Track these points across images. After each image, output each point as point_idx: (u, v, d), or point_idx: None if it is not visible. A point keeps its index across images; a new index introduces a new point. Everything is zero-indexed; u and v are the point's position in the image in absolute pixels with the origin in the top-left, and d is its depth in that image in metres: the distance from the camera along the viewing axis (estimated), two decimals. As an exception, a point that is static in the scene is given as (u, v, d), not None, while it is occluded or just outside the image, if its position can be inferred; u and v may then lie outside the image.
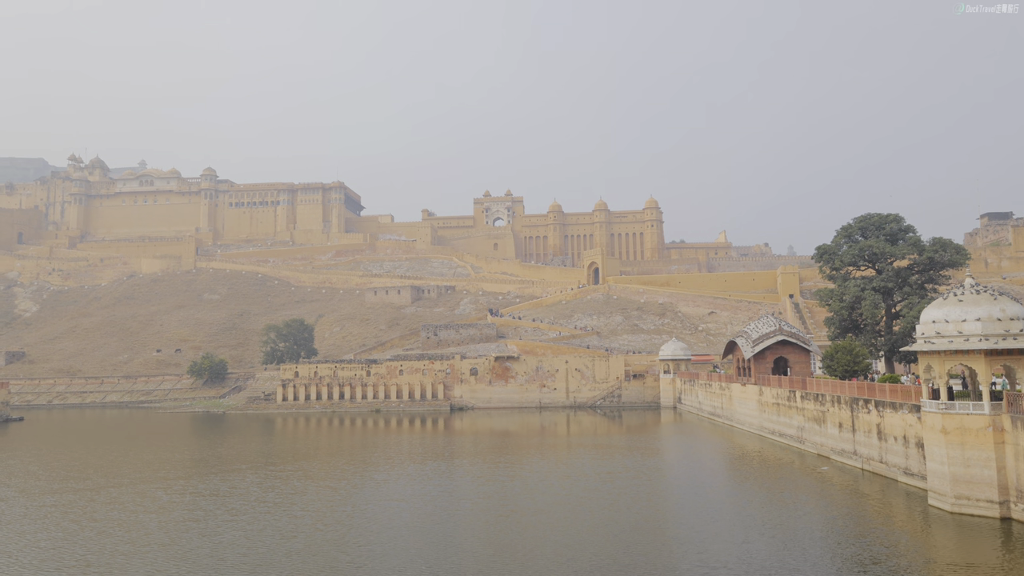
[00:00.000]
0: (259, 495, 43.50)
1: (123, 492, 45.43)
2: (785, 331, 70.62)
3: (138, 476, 51.67)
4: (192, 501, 42.41)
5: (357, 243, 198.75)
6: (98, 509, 40.24)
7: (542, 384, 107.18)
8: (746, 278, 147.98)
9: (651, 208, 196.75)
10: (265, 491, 44.77)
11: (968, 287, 35.74)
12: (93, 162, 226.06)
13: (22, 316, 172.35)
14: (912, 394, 40.98)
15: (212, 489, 45.93)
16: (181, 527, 35.76)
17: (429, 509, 38.90)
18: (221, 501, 41.90)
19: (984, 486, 33.17)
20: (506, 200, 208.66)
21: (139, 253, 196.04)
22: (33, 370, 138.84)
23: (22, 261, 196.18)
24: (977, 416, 33.73)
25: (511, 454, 60.86)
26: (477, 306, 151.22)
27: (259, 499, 42.25)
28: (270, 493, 44.10)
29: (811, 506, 38.32)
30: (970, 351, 34.20)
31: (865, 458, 46.76)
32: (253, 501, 41.68)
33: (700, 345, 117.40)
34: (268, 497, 42.78)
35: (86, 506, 41.10)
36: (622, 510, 37.55)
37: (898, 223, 70.30)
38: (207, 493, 44.69)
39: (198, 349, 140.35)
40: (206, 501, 42.12)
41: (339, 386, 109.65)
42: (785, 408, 61.49)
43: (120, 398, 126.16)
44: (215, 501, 41.98)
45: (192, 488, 46.73)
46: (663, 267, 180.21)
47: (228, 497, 43.00)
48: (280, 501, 41.54)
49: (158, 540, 33.25)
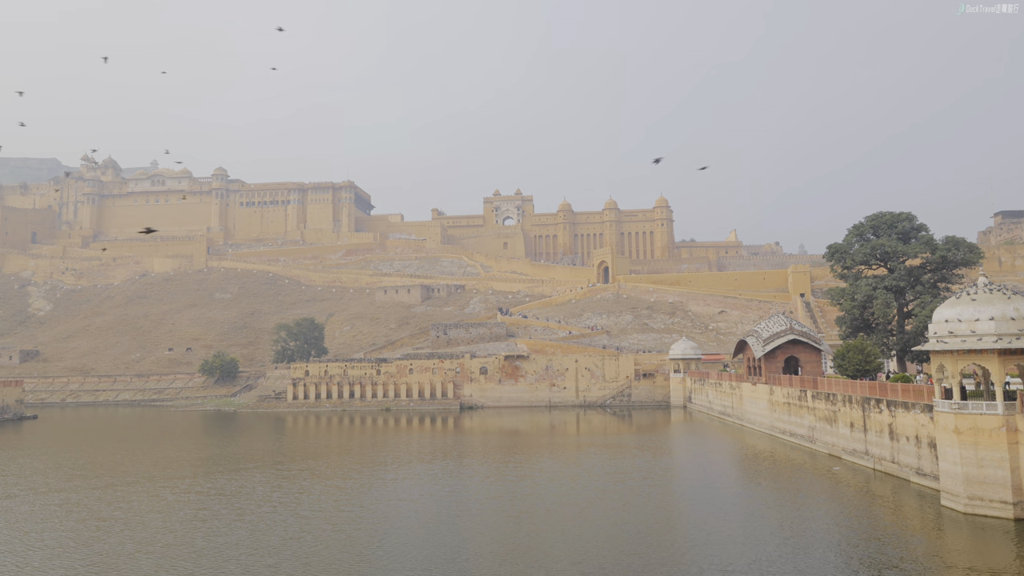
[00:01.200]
0: (266, 494, 43.72)
1: (131, 491, 45.71)
2: (796, 330, 70.27)
3: (147, 474, 51.99)
4: (200, 500, 42.62)
5: (367, 242, 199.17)
6: (104, 508, 40.49)
7: (552, 383, 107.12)
8: (757, 277, 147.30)
9: (661, 207, 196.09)
10: (273, 490, 45.00)
11: (981, 286, 35.46)
12: (106, 162, 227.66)
13: (36, 315, 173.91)
14: (924, 394, 40.69)
15: (220, 488, 46.17)
16: (189, 526, 35.95)
17: (438, 509, 38.95)
18: (230, 500, 42.13)
19: (998, 487, 32.88)
20: (516, 199, 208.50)
21: (151, 252, 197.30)
22: (47, 368, 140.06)
23: (36, 260, 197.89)
24: (991, 416, 33.44)
25: (521, 453, 60.85)
26: (487, 305, 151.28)
27: (265, 498, 42.46)
28: (276, 492, 44.29)
29: (823, 507, 38.08)
30: (983, 351, 33.92)
31: (877, 458, 46.46)
32: (259, 500, 41.90)
33: (710, 344, 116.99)
34: (273, 497, 42.98)
35: (92, 504, 41.39)
36: (632, 511, 37.40)
37: (910, 221, 69.80)
38: (216, 492, 44.91)
39: (209, 348, 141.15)
40: (215, 500, 42.35)
41: (349, 385, 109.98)
42: (796, 408, 61.18)
43: (132, 396, 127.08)
44: (223, 500, 42.22)
45: (199, 487, 46.98)
46: (673, 266, 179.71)
47: (236, 496, 43.25)
48: (286, 501, 41.68)
49: (163, 539, 33.44)
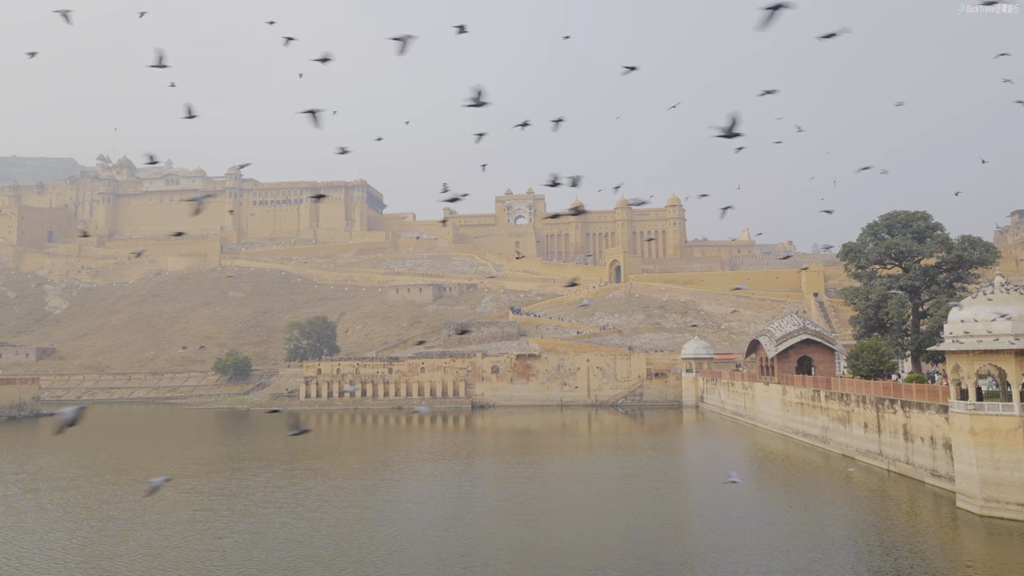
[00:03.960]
0: (269, 495, 43.81)
1: (134, 489, 45.99)
2: (809, 330, 69.84)
3: (152, 473, 52.29)
4: (221, 498, 42.89)
5: (379, 241, 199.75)
6: (110, 506, 40.82)
7: (563, 382, 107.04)
8: (770, 276, 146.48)
9: (673, 206, 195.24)
10: (278, 490, 45.11)
11: (998, 285, 35.08)
12: (121, 161, 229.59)
13: (52, 313, 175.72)
14: (939, 394, 40.30)
15: (229, 487, 46.44)
16: (195, 526, 36.20)
17: (448, 510, 38.87)
18: (238, 500, 42.34)
19: (1014, 488, 32.54)
20: (528, 198, 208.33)
21: (165, 251, 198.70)
22: (63, 366, 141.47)
23: (52, 259, 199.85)
24: (1007, 417, 33.10)
25: (532, 453, 60.84)
26: (498, 304, 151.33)
27: (268, 499, 42.51)
28: (278, 493, 44.14)
29: (838, 510, 37.68)
30: (1000, 351, 33.58)
31: (891, 459, 46.09)
32: (262, 500, 41.89)
33: (723, 344, 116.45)
34: (276, 497, 42.89)
35: (98, 503, 41.70)
36: (644, 513, 37.04)
37: (925, 221, 69.11)
38: (227, 492, 45.19)
39: (223, 346, 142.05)
40: (230, 499, 42.58)
41: (361, 383, 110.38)
42: (809, 408, 60.81)
43: (147, 394, 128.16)
44: (230, 500, 42.43)
45: (214, 485, 47.26)
46: (685, 265, 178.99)
47: (239, 496, 43.41)
48: (288, 502, 41.45)
49: (168, 542, 33.60)
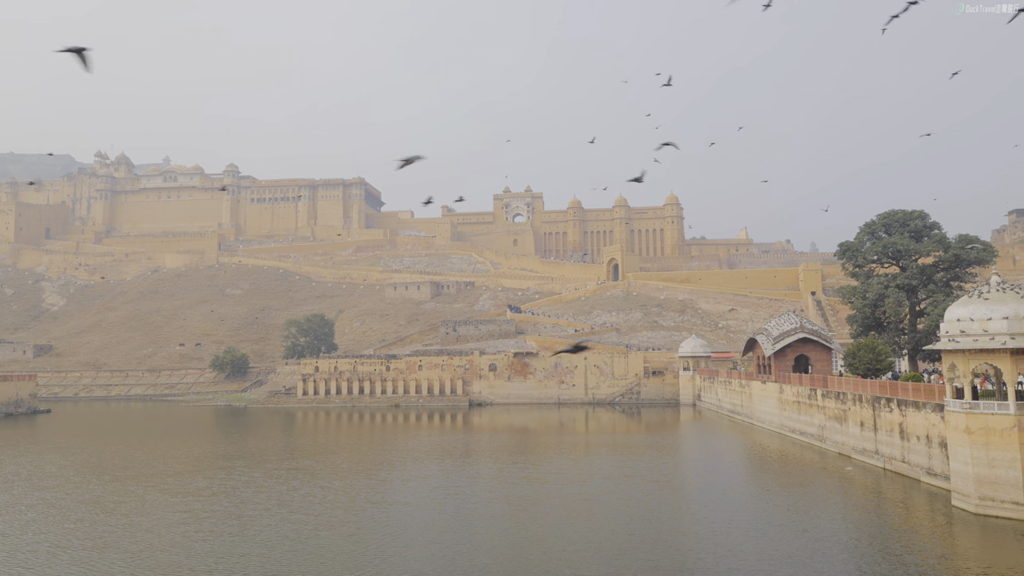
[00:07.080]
0: (273, 493, 43.87)
1: (137, 488, 46.05)
2: (806, 328, 69.92)
3: (153, 471, 52.35)
4: (217, 498, 42.89)
5: (377, 239, 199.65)
6: (130, 502, 40.83)
7: (561, 380, 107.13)
8: (767, 275, 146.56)
9: (671, 204, 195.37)
10: (281, 489, 45.16)
11: (994, 284, 35.15)
12: (118, 158, 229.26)
13: (50, 310, 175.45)
14: (935, 393, 40.39)
15: (211, 487, 46.44)
16: (214, 519, 36.19)
17: (445, 509, 38.85)
18: (241, 499, 42.34)
19: (1009, 487, 32.64)
20: (526, 196, 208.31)
21: (163, 248, 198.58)
22: (60, 363, 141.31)
23: (50, 256, 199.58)
24: (1002, 416, 33.19)
25: (530, 452, 60.85)
26: (496, 302, 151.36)
27: (271, 499, 42.61)
28: (272, 491, 44.26)
29: (834, 508, 37.77)
30: (996, 350, 33.65)
31: (887, 458, 46.20)
32: (265, 500, 42.02)
33: (720, 342, 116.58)
34: (275, 496, 43.06)
35: (120, 498, 41.74)
36: (641, 513, 36.87)
37: (923, 220, 69.23)
38: (209, 491, 45.20)
39: (220, 343, 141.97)
40: (214, 498, 42.58)
41: (359, 381, 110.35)
42: (806, 406, 60.92)
43: (144, 391, 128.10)
44: (214, 498, 42.43)
45: (209, 484, 47.28)
46: (683, 263, 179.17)
47: (241, 496, 43.42)
48: (285, 500, 41.59)
49: (161, 543, 33.63)
